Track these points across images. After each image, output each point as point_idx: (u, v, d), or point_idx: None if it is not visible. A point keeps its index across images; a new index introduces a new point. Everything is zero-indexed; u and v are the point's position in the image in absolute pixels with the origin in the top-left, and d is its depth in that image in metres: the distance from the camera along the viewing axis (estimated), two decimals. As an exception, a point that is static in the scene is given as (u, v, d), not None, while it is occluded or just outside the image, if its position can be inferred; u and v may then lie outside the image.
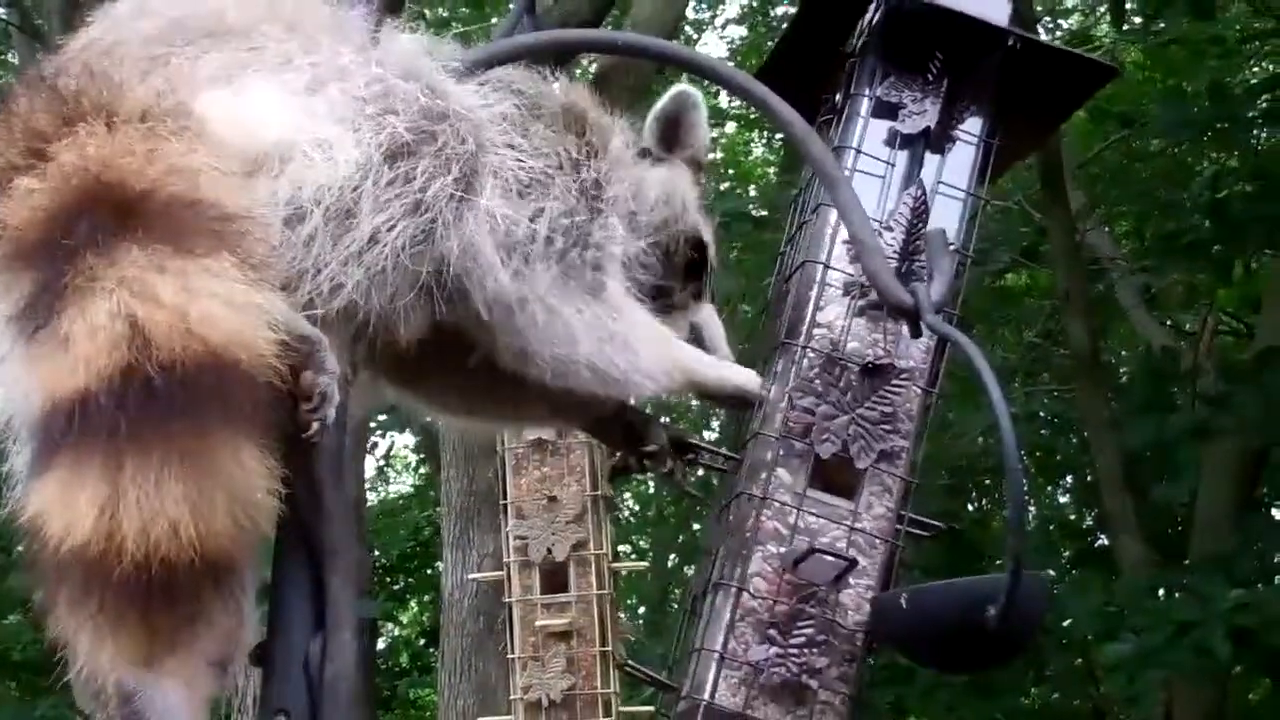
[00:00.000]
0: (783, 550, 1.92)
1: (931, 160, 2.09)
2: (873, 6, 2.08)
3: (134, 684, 1.29)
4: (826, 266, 2.01)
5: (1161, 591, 7.34)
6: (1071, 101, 2.29)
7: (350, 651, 1.46)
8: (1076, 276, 8.10)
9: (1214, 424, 7.04)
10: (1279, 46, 9.09)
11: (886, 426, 1.94)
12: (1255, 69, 9.27)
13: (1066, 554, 9.90)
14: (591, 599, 3.12)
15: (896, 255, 1.97)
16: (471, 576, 5.32)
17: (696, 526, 11.93)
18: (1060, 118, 2.54)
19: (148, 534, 1.18)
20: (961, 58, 2.05)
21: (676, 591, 12.39)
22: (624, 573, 3.57)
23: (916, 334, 1.74)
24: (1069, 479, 11.78)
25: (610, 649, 3.09)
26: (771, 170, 12.71)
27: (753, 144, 13.37)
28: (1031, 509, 11.15)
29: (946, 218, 2.04)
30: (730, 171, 12.46)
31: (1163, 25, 8.43)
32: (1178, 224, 7.98)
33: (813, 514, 1.93)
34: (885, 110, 2.07)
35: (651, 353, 1.79)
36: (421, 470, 13.76)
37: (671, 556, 12.16)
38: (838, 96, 2.13)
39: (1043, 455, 10.85)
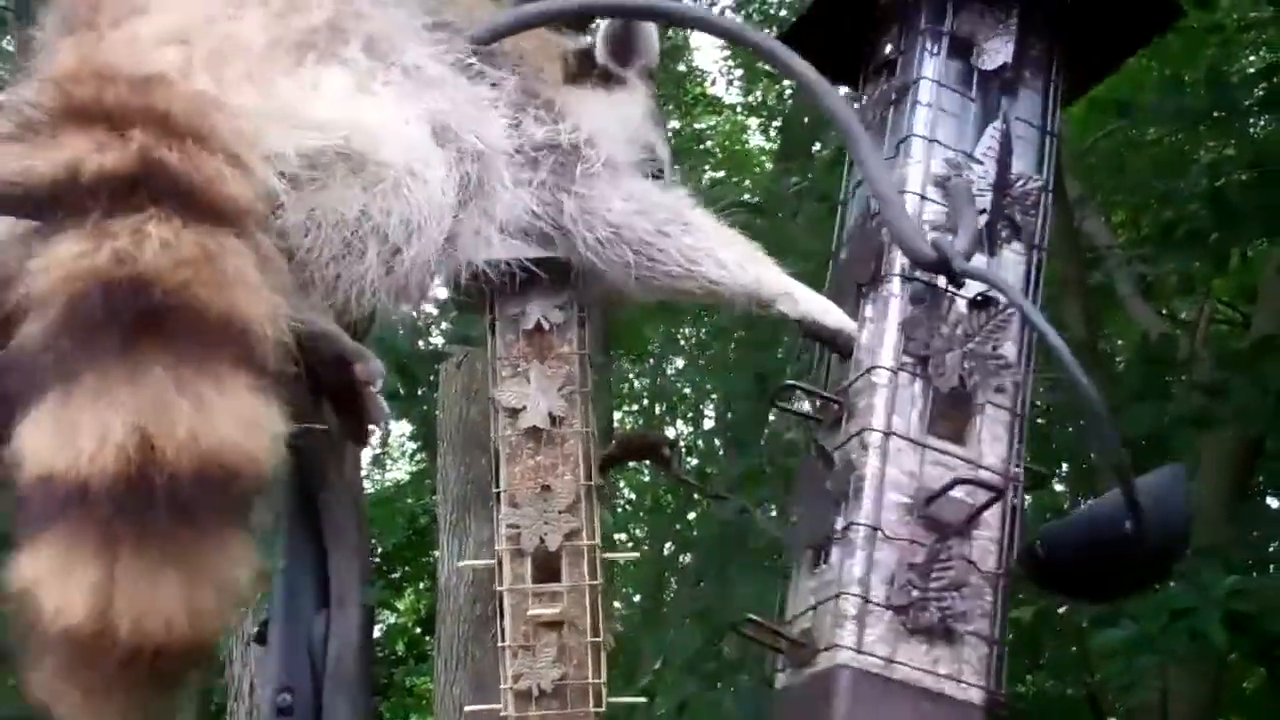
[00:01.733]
0: (905, 498, 1.85)
1: (1003, 98, 2.04)
2: None
3: None
4: (923, 198, 1.95)
5: (1157, 579, 7.34)
6: (1130, 42, 2.23)
7: (354, 628, 1.48)
8: (1073, 264, 8.10)
9: (1210, 413, 7.04)
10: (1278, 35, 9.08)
11: (998, 361, 1.88)
12: (1253, 57, 9.27)
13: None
14: (584, 589, 3.08)
15: (991, 189, 1.92)
16: (463, 563, 5.32)
17: (691, 515, 11.93)
18: (1117, 59, 2.48)
19: (141, 625, 1.21)
20: None
21: (673, 580, 12.39)
22: (622, 561, 3.53)
23: (956, 285, 1.71)
24: (1065, 467, 11.79)
25: (602, 639, 3.07)
26: (766, 159, 12.70)
27: (749, 132, 13.36)
28: (1028, 497, 11.16)
29: (1024, 156, 2.00)
30: (718, 159, 12.44)
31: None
32: (1175, 213, 7.98)
33: (930, 462, 1.87)
34: (958, 48, 2.02)
35: (737, 250, 1.82)
36: (418, 457, 13.77)
37: (667, 545, 12.17)
38: (888, 42, 2.07)
39: (1039, 443, 10.85)
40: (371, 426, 1.55)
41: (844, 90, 2.04)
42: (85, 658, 1.21)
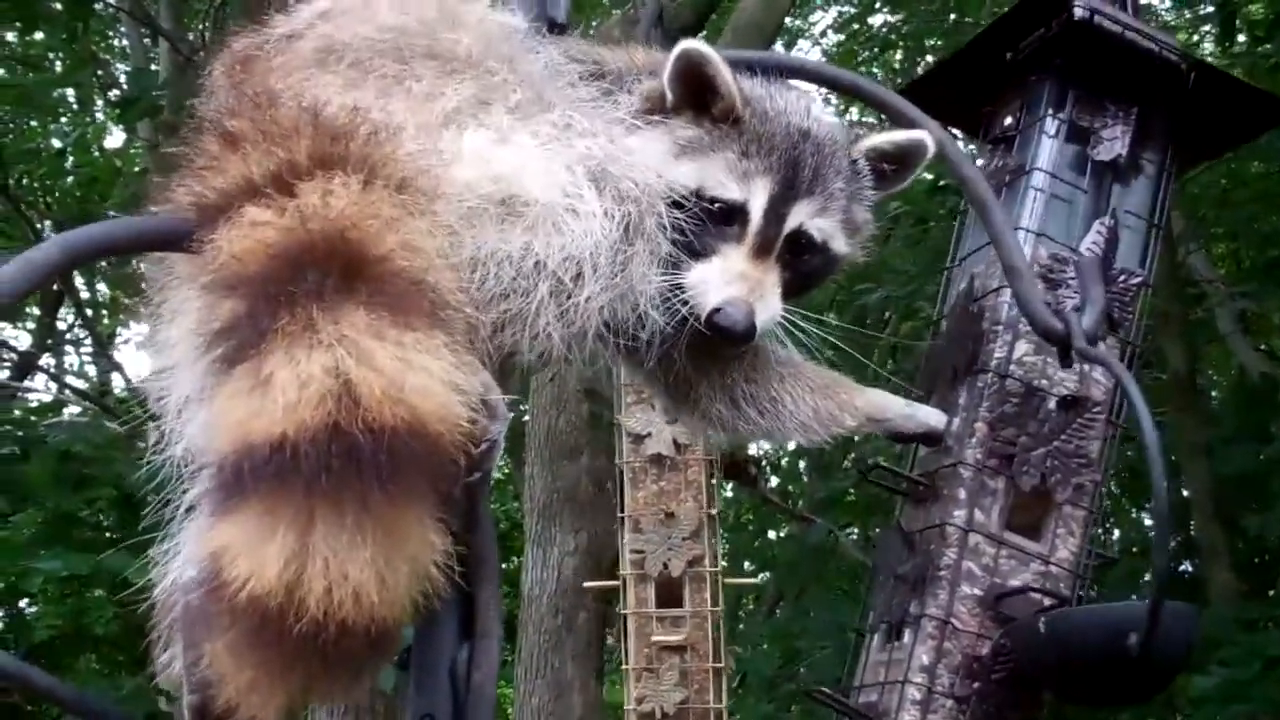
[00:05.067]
0: (978, 590, 1.90)
1: (1116, 188, 2.05)
2: (1055, 22, 2.02)
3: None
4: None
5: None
6: (1247, 132, 2.24)
7: (495, 659, 1.47)
8: (1175, 299, 7.97)
9: (1311, 455, 6.90)
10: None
11: (1080, 460, 1.91)
12: (1367, 93, 9.05)
13: (1148, 577, 9.71)
14: (706, 615, 3.14)
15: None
16: (588, 584, 5.34)
17: (771, 534, 11.88)
18: (1231, 146, 2.48)
19: (331, 595, 1.15)
20: (1147, 84, 2.00)
21: (747, 600, 12.35)
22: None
23: (1066, 363, 1.72)
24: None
25: (723, 664, 3.10)
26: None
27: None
28: (1115, 531, 11.00)
29: (1129, 250, 2.00)
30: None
31: (1269, 46, 8.25)
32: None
33: (1005, 556, 1.90)
34: (1076, 135, 2.03)
35: (805, 408, 1.79)
36: (502, 463, 13.84)
37: (746, 564, 12.12)
38: (1008, 115, 2.09)
39: (1129, 478, 10.66)
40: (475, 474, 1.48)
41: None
42: (268, 628, 1.15)
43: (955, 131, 2.44)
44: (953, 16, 9.92)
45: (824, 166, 1.74)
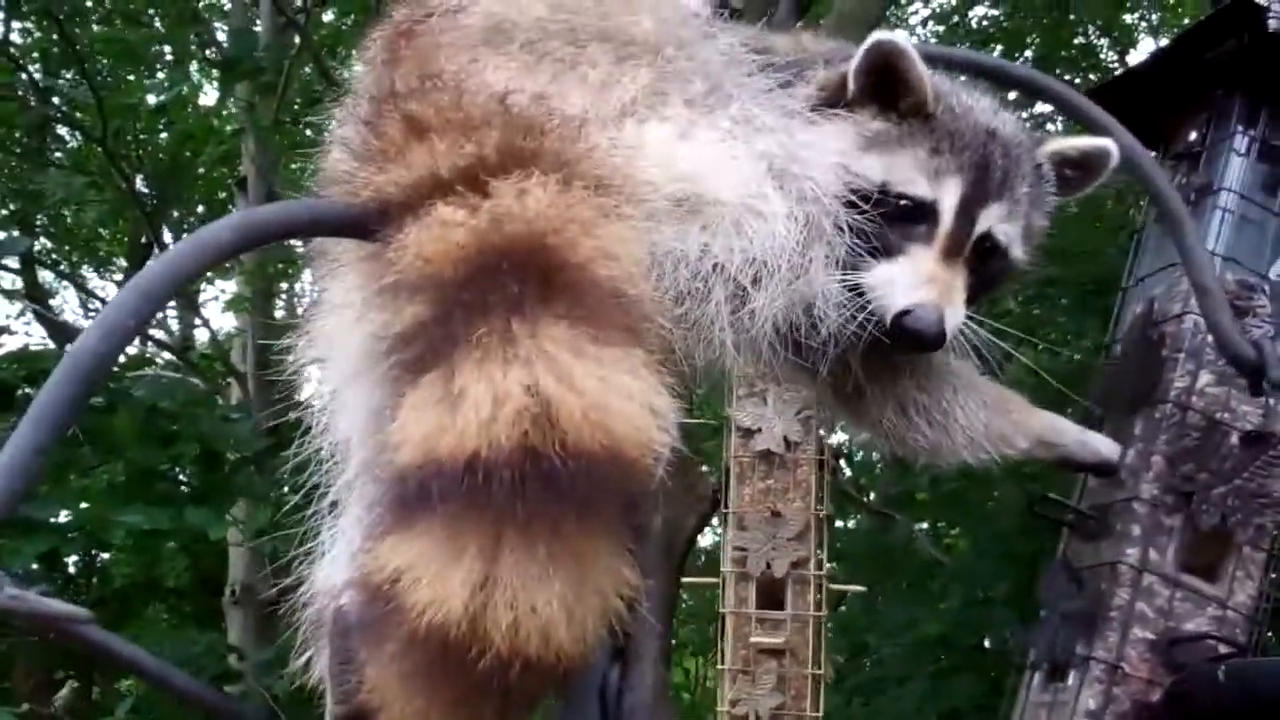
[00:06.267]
0: (1151, 634, 1.83)
1: None
2: (1246, 35, 1.93)
3: None
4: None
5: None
6: None
7: (650, 681, 1.43)
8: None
9: None
10: None
11: (1263, 500, 1.84)
12: None
13: None
14: (808, 619, 3.07)
15: None
16: (687, 580, 5.29)
17: (840, 523, 11.80)
18: None
19: (517, 630, 1.08)
20: None
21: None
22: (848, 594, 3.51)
23: (1257, 392, 1.64)
24: None
25: (823, 672, 3.03)
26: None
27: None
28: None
29: None
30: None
31: None
32: None
33: (1180, 598, 1.84)
34: (1268, 154, 1.95)
35: (978, 424, 1.72)
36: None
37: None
38: (1194, 129, 2.01)
39: None
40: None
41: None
42: (448, 660, 1.08)
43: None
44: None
45: (1011, 169, 1.67)
